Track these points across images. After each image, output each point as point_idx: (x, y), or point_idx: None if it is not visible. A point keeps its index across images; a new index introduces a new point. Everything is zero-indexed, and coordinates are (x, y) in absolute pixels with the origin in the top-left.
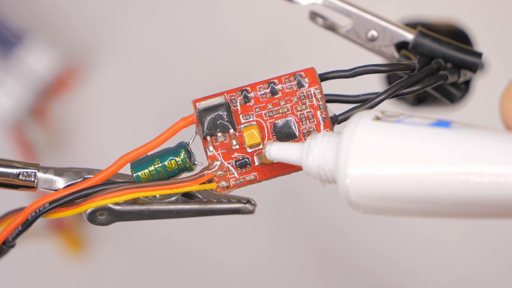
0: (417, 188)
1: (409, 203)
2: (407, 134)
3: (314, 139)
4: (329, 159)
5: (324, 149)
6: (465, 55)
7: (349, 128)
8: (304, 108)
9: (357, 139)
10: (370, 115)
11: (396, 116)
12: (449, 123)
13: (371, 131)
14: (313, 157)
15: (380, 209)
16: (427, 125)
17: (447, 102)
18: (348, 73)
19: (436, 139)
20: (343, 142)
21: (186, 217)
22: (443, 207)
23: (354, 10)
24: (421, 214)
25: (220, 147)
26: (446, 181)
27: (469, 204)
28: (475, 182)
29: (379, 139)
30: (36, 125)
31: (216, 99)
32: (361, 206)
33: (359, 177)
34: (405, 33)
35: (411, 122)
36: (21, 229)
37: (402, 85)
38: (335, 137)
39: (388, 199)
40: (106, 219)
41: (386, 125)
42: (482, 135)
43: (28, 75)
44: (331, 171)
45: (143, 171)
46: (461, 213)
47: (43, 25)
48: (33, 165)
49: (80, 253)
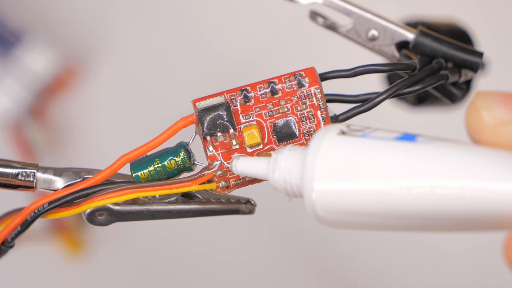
0: (383, 202)
1: (376, 218)
2: (372, 148)
3: (280, 153)
4: (295, 173)
5: (290, 164)
6: (466, 54)
7: (314, 143)
8: (304, 108)
9: (323, 153)
10: (335, 129)
11: (361, 131)
12: (414, 136)
13: (336, 146)
14: (279, 171)
15: (347, 224)
16: (392, 139)
17: (448, 102)
18: (348, 72)
19: (401, 153)
20: (309, 156)
21: (186, 217)
22: (409, 221)
23: (355, 9)
24: (389, 228)
25: (220, 147)
26: (411, 195)
27: (435, 218)
28: (440, 196)
29: (345, 153)
30: (35, 125)
31: (216, 99)
32: (328, 220)
33: (325, 192)
34: (406, 33)
35: (376, 136)
36: (20, 230)
37: (402, 85)
38: (301, 151)
39: (354, 214)
40: (106, 219)
41: (351, 139)
42: (447, 148)
43: (27, 75)
44: (298, 185)
45: (143, 171)
46: (427, 227)
47: (42, 25)
48: (32, 165)
49: (80, 254)
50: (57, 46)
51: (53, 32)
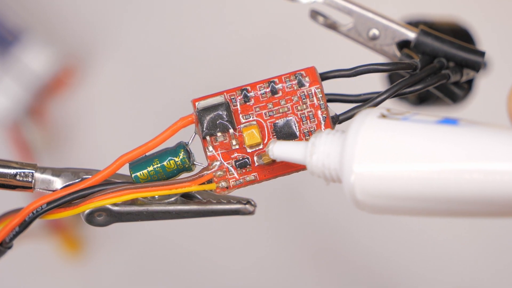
0: (425, 186)
1: (416, 202)
2: (414, 132)
3: (318, 137)
4: (334, 157)
5: (328, 147)
6: (468, 54)
7: (354, 126)
8: (304, 108)
9: (363, 136)
10: (375, 113)
11: (402, 114)
12: (456, 120)
13: (376, 129)
14: (317, 155)
15: (387, 208)
16: (434, 123)
17: (450, 101)
18: (349, 72)
19: (444, 137)
20: (349, 139)
21: (185, 218)
22: (451, 205)
23: (356, 8)
24: (428, 213)
25: (220, 147)
26: (454, 178)
27: (478, 202)
28: (484, 180)
29: (385, 136)
30: (34, 124)
31: (216, 99)
32: (367, 205)
33: (365, 175)
34: (407, 32)
35: (417, 120)
36: (18, 230)
37: (404, 84)
38: (340, 135)
39: (394, 198)
40: (104, 220)
41: (392, 122)
42: (490, 132)
43: (26, 74)
44: (336, 169)
45: (142, 171)
46: (470, 211)
47: (40, 24)
48: (30, 166)
49: (78, 255)
50: (55, 45)
51: (51, 31)
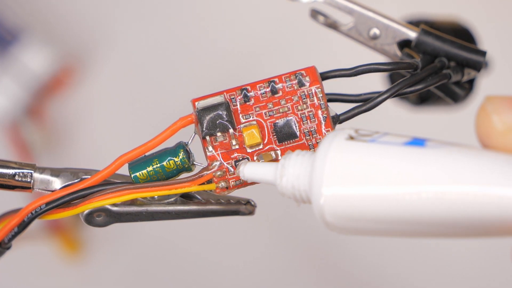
0: (392, 208)
1: (384, 224)
2: (381, 154)
3: (288, 159)
4: (303, 179)
5: (298, 169)
6: (469, 53)
7: (322, 148)
8: (305, 108)
9: (331, 158)
10: (343, 134)
11: (370, 135)
12: (423, 141)
13: (344, 151)
14: (287, 177)
15: (356, 230)
16: (402, 144)
17: (451, 101)
18: (349, 72)
19: (410, 159)
20: (317, 162)
21: (185, 218)
22: (418, 227)
23: (356, 7)
24: (397, 234)
25: (220, 147)
26: (420, 200)
27: (445, 224)
28: (450, 202)
29: (353, 158)
30: (32, 124)
31: (216, 98)
32: (336, 226)
33: (334, 197)
34: (408, 31)
35: (385, 141)
36: (17, 231)
37: (404, 84)
38: (309, 156)
39: (363, 219)
40: (104, 220)
41: (360, 144)
42: (457, 154)
43: (24, 74)
44: (306, 191)
45: (141, 171)
46: (437, 233)
47: (39, 23)
48: (29, 166)
49: (77, 255)
50: (54, 45)
51: (50, 30)
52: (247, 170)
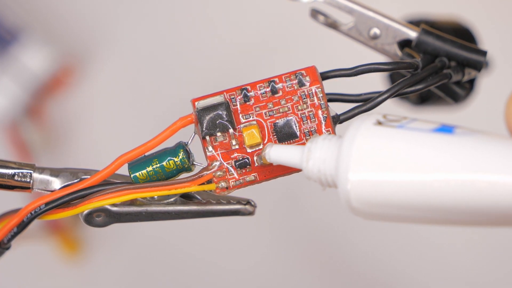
0: (419, 195)
1: (410, 210)
2: (409, 140)
3: (314, 142)
4: (329, 163)
5: (324, 153)
6: (470, 53)
7: (350, 132)
8: (305, 108)
9: (358, 143)
10: (371, 119)
11: (398, 121)
12: (452, 128)
13: (372, 136)
14: (313, 161)
15: (381, 215)
16: (430, 131)
17: (451, 101)
18: (350, 71)
19: (439, 146)
20: (344, 146)
21: (185, 219)
22: (444, 214)
23: (356, 7)
24: (422, 221)
25: (220, 147)
26: (448, 188)
27: (471, 213)
28: (478, 191)
29: (381, 144)
30: (32, 124)
31: (216, 98)
32: (362, 212)
33: (360, 183)
34: (408, 31)
35: (413, 128)
36: (16, 231)
37: (405, 84)
38: (336, 140)
39: (389, 206)
40: (103, 220)
41: (388, 130)
42: (486, 142)
43: (24, 74)
44: (332, 175)
45: (141, 171)
46: (463, 221)
47: (38, 23)
48: (28, 166)
49: (77, 256)
50: (54, 44)
51: (50, 30)
52: (273, 152)
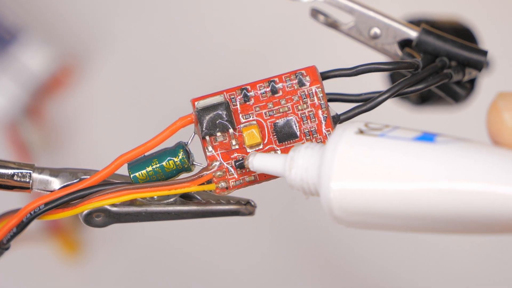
0: (401, 203)
1: (393, 219)
2: (390, 149)
3: (297, 151)
4: (312, 172)
5: (307, 162)
6: (470, 53)
7: (332, 141)
8: (305, 107)
9: (340, 152)
10: (353, 128)
11: (380, 129)
12: (433, 136)
13: (354, 145)
14: (296, 169)
15: (364, 224)
16: (411, 139)
17: (452, 101)
18: (350, 71)
19: (420, 155)
20: (326, 155)
21: (185, 219)
22: (427, 223)
23: (357, 7)
24: (405, 229)
25: (220, 147)
26: (430, 197)
27: (454, 221)
28: (459, 199)
29: (362, 153)
30: (31, 124)
31: (215, 98)
32: (345, 220)
33: (342, 192)
34: (409, 31)
35: (394, 136)
36: (15, 231)
37: (405, 84)
38: (319, 149)
39: (371, 214)
40: (103, 220)
41: (370, 139)
42: (467, 150)
43: (23, 74)
44: (315, 184)
45: (141, 171)
46: (446, 229)
47: (38, 23)
48: (28, 166)
49: (76, 256)
50: (53, 44)
51: (49, 30)
52: (256, 161)
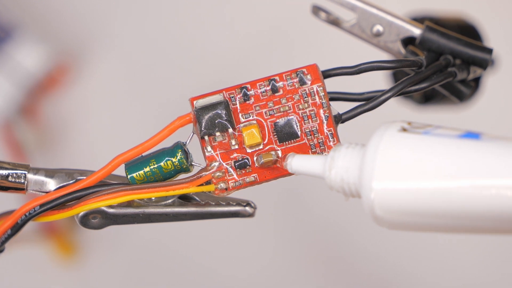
0: (446, 203)
1: (437, 218)
2: (435, 146)
3: (337, 151)
4: (353, 172)
5: (348, 162)
6: (475, 51)
7: (374, 140)
8: (306, 107)
9: (383, 151)
10: (396, 126)
11: (423, 128)
12: (478, 134)
13: (397, 144)
14: (336, 169)
15: (406, 224)
16: (456, 137)
17: (456, 100)
18: (352, 69)
19: (466, 152)
20: (368, 154)
21: (183, 221)
22: (471, 221)
23: (359, 3)
24: (449, 230)
25: (219, 147)
26: (476, 195)
27: (499, 220)
28: (506, 197)
29: (406, 151)
30: (26, 124)
31: (215, 97)
32: (387, 221)
33: (385, 191)
34: (412, 28)
35: (439, 134)
36: (10, 233)
37: (409, 82)
38: (359, 149)
39: (414, 214)
40: (99, 222)
41: (413, 136)
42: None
43: (18, 72)
44: (355, 184)
45: (138, 172)
46: (492, 229)
47: (33, 20)
48: (23, 166)
49: (72, 258)
50: (48, 42)
51: (44, 27)
52: (295, 162)
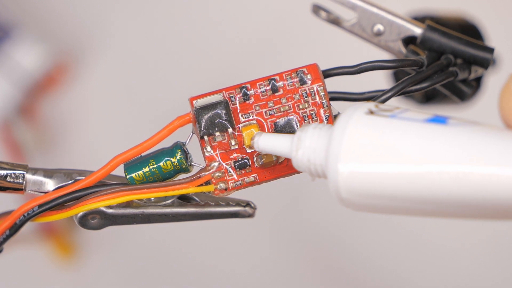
0: (411, 186)
1: (402, 202)
2: (401, 130)
3: (304, 131)
4: (319, 153)
5: (315, 143)
6: (476, 50)
7: (341, 122)
8: (306, 106)
9: (349, 133)
10: (363, 108)
11: (390, 110)
12: (445, 119)
13: (363, 126)
14: (303, 150)
15: (372, 207)
16: (423, 121)
17: (457, 99)
18: (353, 69)
19: (432, 136)
20: (335, 136)
21: (182, 221)
22: (437, 207)
23: (359, 3)
24: (413, 213)
25: (218, 147)
26: (441, 180)
27: (463, 205)
28: (472, 183)
29: (372, 134)
30: (25, 124)
31: (214, 97)
32: (352, 203)
33: (351, 174)
34: (413, 27)
35: (406, 117)
36: (8, 234)
37: (409, 82)
38: (327, 130)
39: (379, 197)
40: (98, 223)
41: (380, 119)
42: (480, 132)
43: (16, 72)
44: (322, 165)
45: (137, 172)
46: (455, 213)
47: (32, 19)
48: (21, 166)
49: (71, 259)
50: (47, 41)
51: (43, 27)
52: (262, 141)
